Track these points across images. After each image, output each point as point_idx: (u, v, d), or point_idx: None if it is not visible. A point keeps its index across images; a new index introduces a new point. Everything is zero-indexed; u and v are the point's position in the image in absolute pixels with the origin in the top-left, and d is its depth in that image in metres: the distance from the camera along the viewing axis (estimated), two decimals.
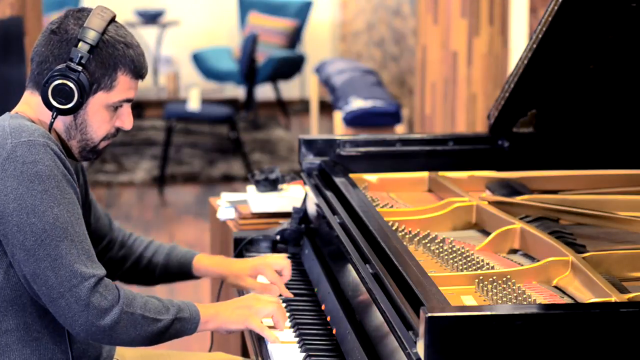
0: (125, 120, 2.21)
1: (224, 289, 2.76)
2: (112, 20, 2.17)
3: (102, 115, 2.17)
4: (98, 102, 2.15)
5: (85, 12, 2.16)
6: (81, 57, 2.10)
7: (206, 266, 2.53)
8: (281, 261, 2.54)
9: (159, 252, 2.50)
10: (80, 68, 2.10)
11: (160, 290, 4.41)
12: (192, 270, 2.53)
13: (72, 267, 2.01)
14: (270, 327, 2.24)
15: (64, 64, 2.11)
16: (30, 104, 2.18)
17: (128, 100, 2.19)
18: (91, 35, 2.11)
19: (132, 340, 2.09)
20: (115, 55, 2.14)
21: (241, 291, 2.56)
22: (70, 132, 2.17)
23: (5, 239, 2.03)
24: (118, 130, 2.22)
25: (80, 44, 2.11)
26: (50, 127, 2.14)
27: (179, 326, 2.15)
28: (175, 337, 2.17)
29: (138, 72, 2.18)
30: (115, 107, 2.18)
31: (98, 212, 2.48)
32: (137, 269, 2.55)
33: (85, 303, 2.01)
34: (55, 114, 2.13)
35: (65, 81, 2.10)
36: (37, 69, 2.15)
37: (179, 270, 2.53)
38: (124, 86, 2.16)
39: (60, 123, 2.16)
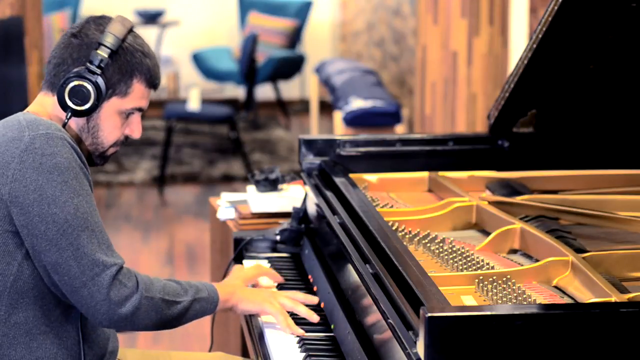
0: (135, 128, 2.25)
1: None
2: (131, 29, 2.21)
3: (114, 121, 2.21)
4: (111, 107, 2.19)
5: (106, 19, 2.21)
6: (101, 61, 2.15)
7: None
8: (255, 272, 2.51)
9: None
10: (99, 71, 2.14)
11: None
12: None
13: (93, 256, 2.05)
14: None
15: (83, 66, 2.15)
16: (44, 104, 2.20)
17: (140, 109, 2.24)
18: (112, 41, 2.15)
19: (154, 324, 2.13)
20: (133, 62, 2.18)
21: None
22: (82, 134, 2.21)
23: (25, 229, 2.05)
24: (127, 138, 2.26)
25: (101, 48, 2.15)
26: (64, 127, 2.16)
27: (198, 306, 2.19)
28: (196, 318, 2.21)
29: (152, 82, 2.23)
30: (127, 114, 2.23)
31: None
32: None
33: (106, 292, 2.05)
34: (69, 114, 2.16)
35: (83, 82, 2.14)
36: (53, 70, 2.18)
37: None
38: (137, 94, 2.21)
39: (74, 125, 2.20)
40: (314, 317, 2.29)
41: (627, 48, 2.59)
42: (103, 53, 2.14)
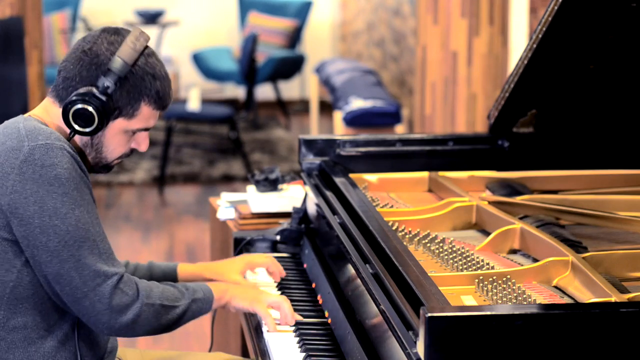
0: (142, 143, 2.25)
1: None
2: (144, 49, 2.17)
3: (119, 139, 2.20)
4: (117, 126, 2.18)
5: (120, 36, 2.16)
6: (107, 87, 2.12)
7: (191, 272, 2.51)
8: (265, 259, 2.56)
9: (139, 269, 2.47)
10: (104, 98, 2.11)
11: None
12: (177, 279, 2.51)
13: (95, 267, 2.05)
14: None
15: (89, 89, 2.12)
16: (49, 111, 2.19)
17: (147, 129, 2.22)
18: (121, 67, 2.12)
19: (154, 329, 2.16)
20: (141, 87, 2.16)
21: None
22: (86, 149, 2.20)
23: (26, 240, 2.05)
24: (132, 151, 2.25)
25: (109, 74, 2.12)
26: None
27: (195, 307, 2.22)
28: (193, 318, 2.23)
29: (161, 104, 2.20)
30: (133, 132, 2.21)
31: None
32: None
33: (108, 301, 2.06)
34: (72, 134, 2.15)
35: (87, 106, 2.11)
36: (62, 83, 2.16)
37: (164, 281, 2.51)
38: (144, 116, 2.19)
39: (77, 140, 2.19)
40: (291, 320, 2.29)
41: (627, 48, 2.59)
42: (110, 80, 2.12)
